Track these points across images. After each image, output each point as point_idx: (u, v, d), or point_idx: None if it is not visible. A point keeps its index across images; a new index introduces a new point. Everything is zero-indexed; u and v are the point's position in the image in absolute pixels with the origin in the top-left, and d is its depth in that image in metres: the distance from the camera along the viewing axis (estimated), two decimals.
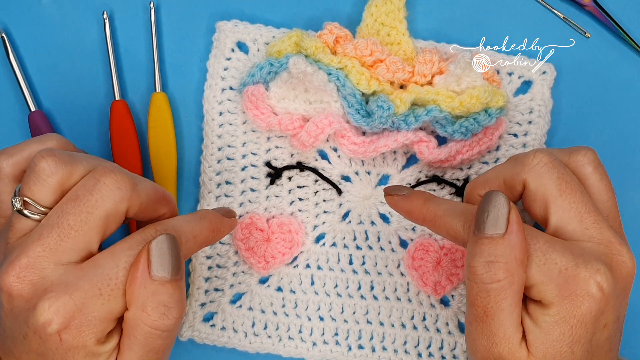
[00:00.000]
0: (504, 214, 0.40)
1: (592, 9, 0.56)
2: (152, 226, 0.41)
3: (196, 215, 0.44)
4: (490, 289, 0.39)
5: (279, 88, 0.52)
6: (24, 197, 0.41)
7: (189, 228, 0.43)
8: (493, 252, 0.39)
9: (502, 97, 0.52)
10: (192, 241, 0.43)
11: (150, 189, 0.42)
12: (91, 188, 0.40)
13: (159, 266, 0.39)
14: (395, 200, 0.47)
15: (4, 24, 0.56)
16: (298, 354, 0.55)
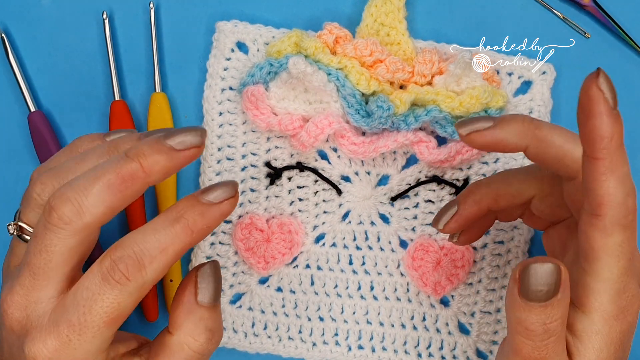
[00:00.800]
0: (556, 280, 0.38)
1: (592, 9, 0.56)
2: (107, 255, 0.37)
3: (167, 219, 0.37)
4: (548, 343, 0.39)
5: (278, 88, 0.52)
6: (19, 223, 0.40)
7: (157, 241, 0.37)
8: (551, 315, 0.38)
9: (502, 97, 0.52)
10: (160, 257, 0.37)
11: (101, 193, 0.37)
12: (43, 228, 0.37)
13: (206, 294, 0.39)
14: (603, 110, 0.36)
15: (3, 24, 0.56)
16: (298, 354, 0.55)
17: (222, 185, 0.38)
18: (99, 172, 0.37)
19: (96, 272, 0.37)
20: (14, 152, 0.56)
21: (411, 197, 0.55)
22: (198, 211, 0.37)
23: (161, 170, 0.37)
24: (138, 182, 0.37)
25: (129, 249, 0.36)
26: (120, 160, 0.37)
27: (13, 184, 0.56)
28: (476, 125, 0.41)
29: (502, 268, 0.54)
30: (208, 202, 0.37)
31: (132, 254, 0.36)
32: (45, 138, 0.54)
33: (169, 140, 0.37)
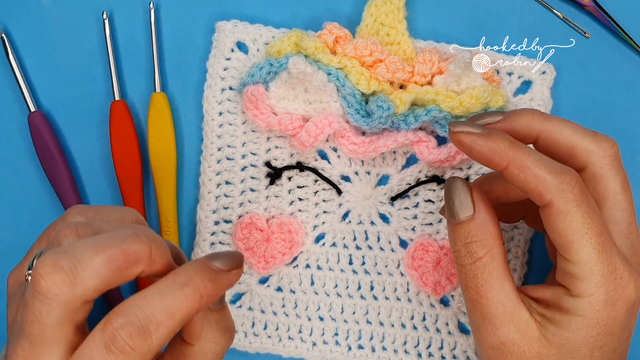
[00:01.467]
0: (467, 197, 0.41)
1: (592, 9, 0.56)
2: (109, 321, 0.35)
3: (174, 283, 0.35)
4: (475, 268, 0.41)
5: (278, 88, 0.52)
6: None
7: (164, 306, 0.34)
8: (468, 233, 0.41)
9: (501, 97, 0.52)
10: (167, 323, 0.34)
11: (101, 268, 0.35)
12: (31, 297, 0.35)
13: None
14: (472, 139, 0.40)
15: (3, 24, 0.56)
16: (298, 354, 0.55)
17: (229, 254, 0.37)
18: (103, 245, 0.35)
19: (98, 340, 0.34)
20: (14, 152, 0.56)
21: (411, 196, 0.55)
22: (208, 277, 0.36)
23: (164, 267, 0.36)
24: (140, 267, 0.35)
25: (132, 315, 0.34)
26: (128, 237, 0.35)
27: (13, 184, 0.56)
28: (487, 119, 0.43)
29: None
30: (217, 269, 0.36)
31: (136, 321, 0.34)
32: (45, 138, 0.54)
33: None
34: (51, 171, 0.54)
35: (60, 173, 0.54)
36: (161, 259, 0.36)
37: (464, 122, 0.42)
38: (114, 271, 0.35)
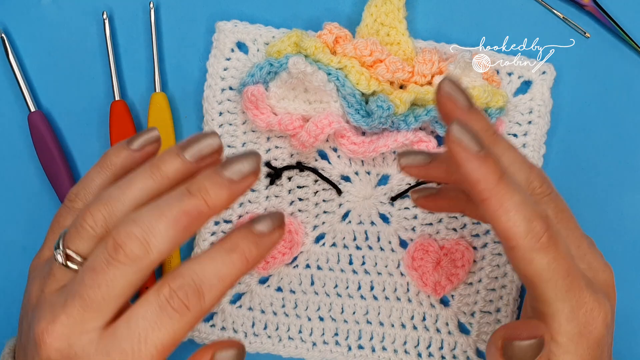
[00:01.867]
0: (536, 353, 0.40)
1: (592, 9, 0.56)
2: (165, 283, 0.37)
3: (222, 249, 0.37)
4: None
5: (278, 88, 0.52)
6: (67, 251, 0.39)
7: (215, 270, 0.37)
8: None
9: (501, 97, 0.52)
10: (217, 286, 0.37)
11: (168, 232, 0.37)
12: (106, 263, 0.36)
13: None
14: (464, 158, 0.37)
15: (3, 24, 0.56)
16: (298, 354, 0.55)
17: (270, 215, 0.38)
18: (163, 209, 0.37)
19: (153, 301, 0.36)
20: (14, 152, 0.56)
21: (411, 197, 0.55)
22: (252, 241, 0.37)
23: (223, 204, 0.37)
24: (203, 218, 0.37)
25: (188, 277, 0.36)
26: (183, 197, 0.37)
27: (13, 183, 0.56)
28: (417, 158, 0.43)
29: (502, 267, 0.54)
30: (260, 233, 0.38)
31: (191, 283, 0.36)
32: (45, 138, 0.54)
33: (227, 172, 0.37)
34: (51, 171, 0.54)
35: (60, 173, 0.54)
36: (220, 201, 0.37)
37: (466, 131, 0.37)
38: (180, 232, 0.37)
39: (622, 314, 0.56)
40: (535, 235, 0.38)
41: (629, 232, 0.56)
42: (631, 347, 0.56)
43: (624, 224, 0.56)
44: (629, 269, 0.56)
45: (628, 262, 0.56)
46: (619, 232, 0.56)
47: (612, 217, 0.56)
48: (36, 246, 0.56)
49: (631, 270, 0.56)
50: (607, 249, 0.56)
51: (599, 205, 0.56)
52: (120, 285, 0.36)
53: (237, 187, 0.37)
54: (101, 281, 0.36)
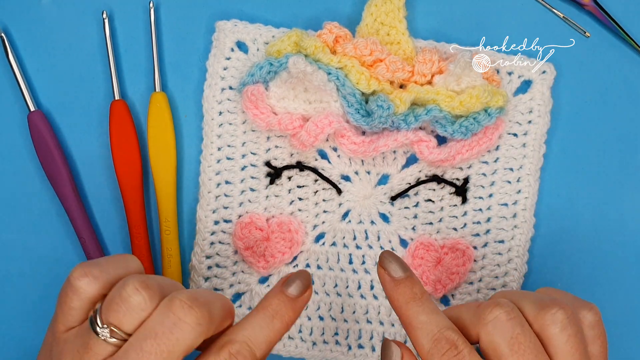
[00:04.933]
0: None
1: (592, 8, 0.56)
2: (225, 348, 0.40)
3: (266, 316, 0.42)
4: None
5: (278, 88, 0.52)
6: (110, 326, 0.39)
7: (264, 336, 0.41)
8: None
9: (502, 96, 0.52)
10: (266, 349, 0.41)
11: (221, 309, 0.41)
12: (171, 326, 0.38)
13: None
14: (384, 279, 0.45)
15: (3, 24, 0.56)
16: (298, 353, 0.55)
17: (299, 276, 0.44)
18: (217, 293, 0.43)
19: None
20: (14, 152, 0.56)
21: (411, 196, 0.55)
22: (290, 307, 0.42)
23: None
24: (229, 321, 0.43)
25: (243, 343, 0.40)
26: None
27: (13, 183, 0.56)
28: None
29: (503, 267, 0.54)
30: (293, 297, 0.43)
31: (247, 347, 0.40)
32: (45, 138, 0.54)
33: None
34: (51, 171, 0.54)
35: (60, 173, 0.54)
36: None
37: (391, 260, 0.44)
38: (223, 319, 0.41)
39: (623, 314, 0.56)
40: (437, 353, 0.41)
41: (629, 232, 0.56)
42: (631, 348, 0.56)
43: (624, 224, 0.56)
44: (629, 268, 0.56)
45: (628, 262, 0.56)
46: (619, 232, 0.56)
47: (612, 217, 0.56)
48: (36, 246, 0.56)
49: (631, 270, 0.56)
50: (607, 248, 0.56)
51: (599, 205, 0.56)
52: (180, 351, 0.39)
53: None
54: (164, 347, 0.38)
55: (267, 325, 0.41)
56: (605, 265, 0.56)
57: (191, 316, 0.39)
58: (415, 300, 0.43)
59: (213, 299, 0.41)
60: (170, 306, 0.39)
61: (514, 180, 0.54)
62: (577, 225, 0.56)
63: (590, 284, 0.56)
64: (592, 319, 0.43)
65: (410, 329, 0.42)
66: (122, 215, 0.55)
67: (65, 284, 0.41)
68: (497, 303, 0.41)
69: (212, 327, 0.40)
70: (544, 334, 0.41)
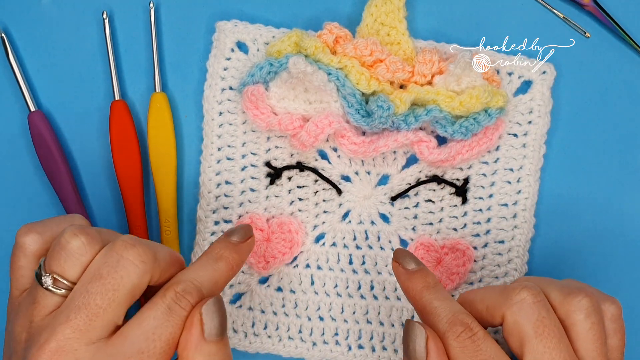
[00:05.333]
0: (422, 345, 0.42)
1: (592, 9, 0.56)
2: (170, 288, 0.41)
3: (210, 259, 0.44)
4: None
5: (278, 88, 0.52)
6: (53, 274, 0.40)
7: (208, 276, 0.43)
8: None
9: (502, 97, 0.52)
10: (213, 289, 0.42)
11: (167, 255, 0.43)
12: (115, 265, 0.40)
13: (212, 329, 0.40)
14: (399, 272, 0.46)
15: (3, 24, 0.56)
16: (298, 354, 0.55)
17: (241, 227, 0.46)
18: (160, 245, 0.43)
19: (160, 303, 0.40)
20: (14, 152, 0.56)
21: (411, 196, 0.55)
22: (233, 250, 0.45)
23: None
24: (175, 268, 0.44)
25: (189, 282, 0.41)
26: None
27: (13, 183, 0.56)
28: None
29: (503, 267, 0.54)
30: (237, 242, 0.45)
31: (192, 286, 0.41)
32: (45, 138, 0.54)
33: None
34: (51, 171, 0.54)
35: (60, 173, 0.54)
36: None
37: (404, 254, 0.46)
38: (169, 265, 0.42)
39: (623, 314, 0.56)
40: (453, 334, 0.41)
41: (629, 232, 0.56)
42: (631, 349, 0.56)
43: (624, 224, 0.56)
44: (630, 268, 0.56)
45: (628, 262, 0.56)
46: (619, 232, 0.56)
47: (612, 217, 0.56)
48: None
49: (631, 270, 0.56)
50: (608, 248, 0.56)
51: (599, 205, 0.56)
52: (126, 290, 0.40)
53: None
54: (108, 287, 0.39)
55: (210, 265, 0.43)
56: (605, 265, 0.56)
57: (134, 253, 0.40)
58: (428, 289, 0.44)
59: (158, 245, 0.42)
60: (112, 247, 0.40)
61: (514, 180, 0.55)
62: (577, 226, 0.56)
63: (591, 284, 0.56)
64: (614, 312, 0.44)
65: (425, 315, 0.43)
66: (122, 215, 0.56)
67: (14, 246, 0.43)
68: (525, 286, 0.42)
69: (156, 268, 0.41)
70: (568, 320, 0.42)
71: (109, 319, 0.39)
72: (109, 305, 0.39)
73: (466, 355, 0.41)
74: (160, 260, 0.41)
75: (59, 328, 0.38)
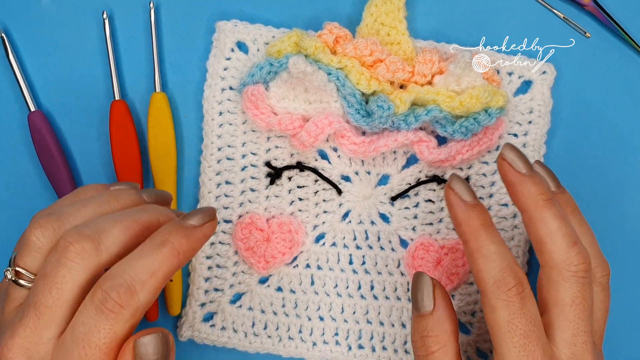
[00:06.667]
0: (429, 293, 0.43)
1: (592, 9, 0.56)
2: (98, 286, 0.38)
3: (152, 245, 0.39)
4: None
5: (278, 88, 0.52)
6: (16, 268, 0.40)
7: (143, 267, 0.38)
8: (425, 327, 0.44)
9: (502, 97, 0.52)
10: (150, 281, 0.38)
11: (119, 236, 0.39)
12: (56, 264, 0.38)
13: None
14: (455, 202, 0.43)
15: (4, 24, 0.56)
16: (298, 354, 0.55)
17: (202, 209, 0.41)
18: (118, 217, 0.40)
19: (89, 305, 0.37)
20: (14, 152, 0.56)
21: (411, 196, 0.55)
22: (182, 234, 0.39)
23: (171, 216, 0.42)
24: (152, 229, 0.40)
25: (119, 277, 0.37)
26: (138, 211, 0.41)
27: (13, 183, 0.56)
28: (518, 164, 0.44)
29: None
30: (191, 226, 0.40)
31: (122, 282, 0.37)
32: (45, 138, 0.54)
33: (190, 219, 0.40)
34: (51, 171, 0.54)
35: (60, 173, 0.54)
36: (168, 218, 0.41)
37: (462, 184, 0.44)
38: (130, 238, 0.39)
39: (623, 313, 0.56)
40: (504, 286, 0.41)
41: (629, 232, 0.56)
42: (631, 349, 0.56)
43: (624, 224, 0.56)
44: (630, 269, 0.56)
45: (629, 262, 0.56)
46: (620, 232, 0.56)
47: (612, 217, 0.56)
48: None
49: (632, 270, 0.56)
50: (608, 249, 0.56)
51: (600, 206, 0.56)
52: (69, 288, 0.38)
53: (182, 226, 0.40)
54: (51, 285, 0.38)
55: (150, 254, 0.38)
56: None
57: (71, 253, 0.38)
58: (486, 228, 0.42)
59: (109, 227, 0.39)
60: (56, 245, 0.39)
61: None
62: None
63: None
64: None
65: (477, 256, 0.42)
66: None
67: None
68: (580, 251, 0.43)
69: (103, 257, 0.39)
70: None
71: (57, 315, 0.38)
72: (54, 303, 0.38)
73: (509, 311, 0.41)
74: (109, 245, 0.39)
75: (16, 325, 0.38)
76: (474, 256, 0.42)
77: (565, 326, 0.42)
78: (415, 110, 0.51)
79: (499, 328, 0.41)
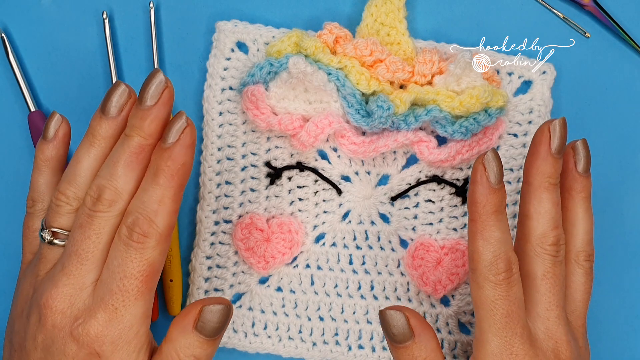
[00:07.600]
0: (404, 325, 0.44)
1: (592, 9, 0.56)
2: (122, 223, 0.43)
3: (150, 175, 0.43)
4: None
5: (278, 88, 0.52)
6: (51, 229, 0.44)
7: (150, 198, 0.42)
8: (412, 355, 0.45)
9: (502, 97, 0.52)
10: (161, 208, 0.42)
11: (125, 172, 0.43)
12: (90, 214, 0.42)
13: (204, 328, 0.43)
14: (479, 180, 0.44)
15: (4, 24, 0.56)
16: (298, 354, 0.55)
17: (173, 122, 0.42)
18: (114, 158, 0.43)
19: (118, 242, 0.42)
20: (14, 152, 0.56)
21: (411, 196, 0.55)
22: (167, 157, 0.42)
23: (157, 129, 0.43)
24: (148, 149, 0.43)
25: (135, 213, 0.42)
26: (124, 142, 0.43)
27: (13, 183, 0.56)
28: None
29: None
30: (170, 145, 0.42)
31: (139, 215, 0.42)
32: None
33: (143, 102, 0.42)
34: None
35: None
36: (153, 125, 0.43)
37: (495, 163, 0.44)
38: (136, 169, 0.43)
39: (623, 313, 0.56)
40: (495, 270, 0.43)
41: (629, 232, 0.56)
42: (630, 347, 0.56)
43: (624, 224, 0.56)
44: (630, 269, 0.56)
45: (628, 262, 0.56)
46: (619, 232, 0.56)
47: (612, 217, 0.56)
48: None
49: (631, 270, 0.56)
50: (608, 249, 0.56)
51: (599, 206, 0.56)
52: (107, 232, 0.42)
53: (158, 109, 0.42)
54: (90, 233, 0.42)
55: (150, 185, 0.42)
56: (604, 265, 0.56)
57: (99, 204, 0.42)
58: (497, 215, 0.44)
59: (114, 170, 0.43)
60: (84, 202, 0.43)
61: (514, 180, 0.55)
62: None
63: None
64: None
65: (478, 237, 0.44)
66: None
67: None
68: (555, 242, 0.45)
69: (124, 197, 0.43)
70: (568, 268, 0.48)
71: (97, 261, 0.42)
72: (95, 248, 0.42)
73: (495, 292, 0.43)
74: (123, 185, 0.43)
75: (57, 276, 0.42)
76: (475, 236, 0.44)
77: (538, 299, 0.45)
78: (415, 110, 0.51)
79: (483, 305, 0.44)
